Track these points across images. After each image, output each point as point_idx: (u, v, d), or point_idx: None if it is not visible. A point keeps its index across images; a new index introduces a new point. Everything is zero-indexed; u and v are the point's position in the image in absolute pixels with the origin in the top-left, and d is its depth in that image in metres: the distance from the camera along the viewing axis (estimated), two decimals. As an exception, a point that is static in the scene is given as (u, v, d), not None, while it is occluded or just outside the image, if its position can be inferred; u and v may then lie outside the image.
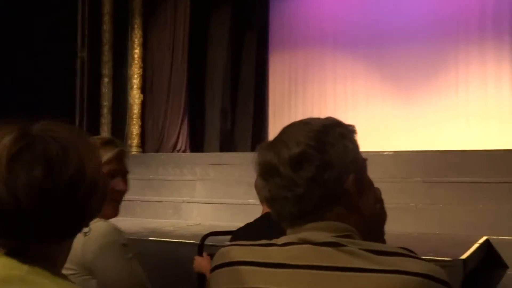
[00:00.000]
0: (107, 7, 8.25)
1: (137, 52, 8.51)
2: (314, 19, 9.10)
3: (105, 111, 8.21)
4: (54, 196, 0.91)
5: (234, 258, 1.11)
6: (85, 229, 1.01)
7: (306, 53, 9.16)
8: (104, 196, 1.02)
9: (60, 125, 0.98)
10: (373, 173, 1.16)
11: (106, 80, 8.24)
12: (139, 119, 8.46)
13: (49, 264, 0.94)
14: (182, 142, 8.46)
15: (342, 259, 1.03)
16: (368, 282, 1.00)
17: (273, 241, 1.12)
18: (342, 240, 1.05)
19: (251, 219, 2.91)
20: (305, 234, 1.08)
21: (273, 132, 9.01)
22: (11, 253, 0.93)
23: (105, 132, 8.05)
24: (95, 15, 8.15)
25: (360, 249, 1.04)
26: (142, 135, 8.51)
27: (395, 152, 5.96)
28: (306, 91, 9.15)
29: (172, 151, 8.23)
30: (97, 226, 1.57)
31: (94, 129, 7.71)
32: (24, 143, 0.91)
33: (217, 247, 3.48)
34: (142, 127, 8.50)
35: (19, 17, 7.72)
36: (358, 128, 1.17)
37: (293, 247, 1.08)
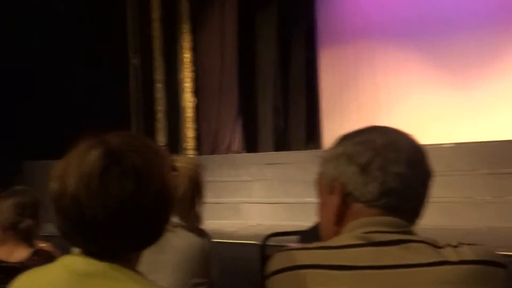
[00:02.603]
0: (156, 14, 8.40)
1: (187, 56, 8.62)
2: (362, 11, 8.94)
3: (160, 115, 8.35)
4: (143, 208, 0.97)
5: (294, 262, 1.08)
6: None
7: (356, 46, 9.02)
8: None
9: (133, 136, 1.03)
10: (434, 167, 1.15)
11: (159, 85, 8.39)
12: (193, 122, 8.57)
13: (125, 263, 1.00)
14: (237, 142, 8.50)
15: (405, 256, 1.04)
16: (431, 275, 1.02)
17: (329, 242, 1.10)
18: (404, 236, 1.07)
19: (310, 218, 2.87)
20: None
21: (326, 128, 8.92)
22: (89, 253, 0.99)
23: (161, 136, 8.20)
24: (145, 22, 8.30)
25: (422, 242, 1.06)
26: (197, 138, 8.61)
27: (456, 144, 5.77)
28: (358, 84, 9.00)
29: (227, 152, 8.28)
30: None
31: (150, 134, 7.86)
32: (112, 159, 0.96)
33: (279, 247, 3.46)
34: (197, 129, 8.60)
35: (72, 30, 7.96)
36: (414, 121, 1.16)
37: (357, 249, 1.07)
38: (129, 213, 0.95)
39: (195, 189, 2.13)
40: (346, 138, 1.16)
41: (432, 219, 1.21)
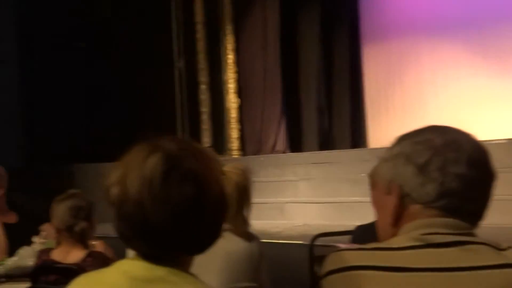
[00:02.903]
0: (199, 17, 8.49)
1: (230, 57, 8.67)
2: (405, 6, 8.79)
3: (205, 117, 8.44)
4: (203, 211, 0.98)
5: (351, 263, 1.06)
6: None
7: (400, 42, 8.86)
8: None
9: (185, 141, 1.06)
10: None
11: (203, 87, 8.48)
12: (238, 123, 8.62)
13: (181, 266, 1.01)
14: (281, 142, 8.50)
15: (465, 258, 1.01)
16: (493, 278, 0.99)
17: (385, 243, 1.09)
18: (464, 238, 1.04)
19: (357, 217, 2.85)
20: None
21: (371, 127, 8.80)
22: (147, 256, 1.00)
23: (206, 137, 8.29)
24: (188, 25, 8.41)
25: (483, 244, 1.03)
26: (242, 138, 8.65)
27: (508, 139, 5.58)
28: (403, 81, 8.85)
29: (272, 152, 8.28)
30: None
31: (195, 135, 7.95)
32: (172, 163, 0.97)
33: (327, 247, 3.45)
34: (241, 130, 8.65)
35: (118, 34, 8.14)
36: (464, 116, 1.14)
37: (414, 251, 1.05)
38: (190, 217, 0.97)
39: (242, 194, 2.15)
40: (405, 138, 1.13)
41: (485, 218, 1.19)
